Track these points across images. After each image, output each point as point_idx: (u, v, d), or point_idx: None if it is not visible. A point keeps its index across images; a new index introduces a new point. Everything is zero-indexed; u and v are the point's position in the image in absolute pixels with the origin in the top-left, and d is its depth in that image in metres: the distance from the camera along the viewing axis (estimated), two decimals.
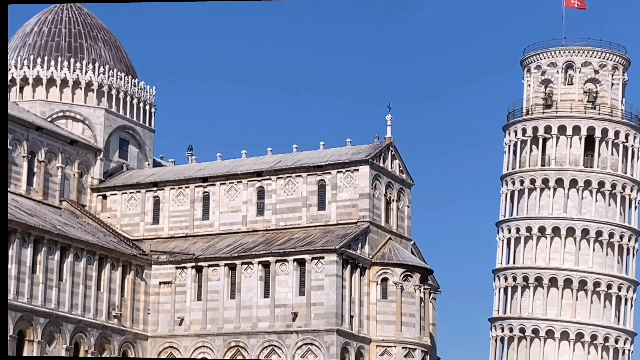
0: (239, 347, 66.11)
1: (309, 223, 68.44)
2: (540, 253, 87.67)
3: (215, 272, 67.40)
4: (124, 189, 73.32)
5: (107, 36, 78.29)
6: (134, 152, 77.04)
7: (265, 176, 70.04)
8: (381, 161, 69.27)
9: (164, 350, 68.15)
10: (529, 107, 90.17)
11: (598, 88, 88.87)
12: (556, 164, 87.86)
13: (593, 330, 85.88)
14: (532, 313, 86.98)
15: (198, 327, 67.43)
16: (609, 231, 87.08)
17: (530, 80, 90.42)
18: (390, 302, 66.03)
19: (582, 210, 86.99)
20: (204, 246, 69.33)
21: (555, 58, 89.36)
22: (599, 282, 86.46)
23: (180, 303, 68.18)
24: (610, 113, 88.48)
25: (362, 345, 65.55)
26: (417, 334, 66.29)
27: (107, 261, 67.68)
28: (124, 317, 67.95)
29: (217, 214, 70.77)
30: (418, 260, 69.01)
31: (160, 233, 71.94)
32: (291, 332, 64.77)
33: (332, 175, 68.33)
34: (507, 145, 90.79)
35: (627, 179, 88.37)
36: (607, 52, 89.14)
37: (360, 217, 67.32)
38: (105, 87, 75.79)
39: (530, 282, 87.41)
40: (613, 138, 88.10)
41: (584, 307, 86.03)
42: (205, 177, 71.66)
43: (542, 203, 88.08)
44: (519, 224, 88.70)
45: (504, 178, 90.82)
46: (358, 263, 66.17)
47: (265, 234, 69.09)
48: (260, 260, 66.34)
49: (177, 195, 71.98)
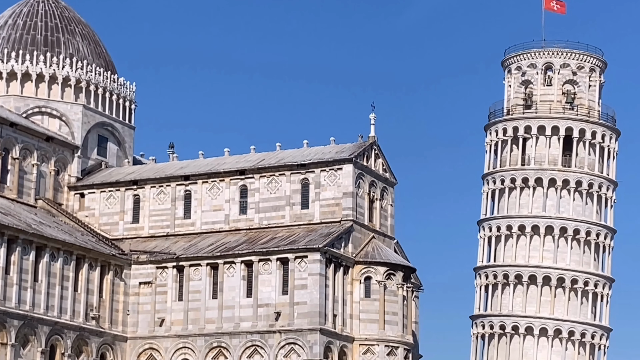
0: (221, 347, 61.90)
1: (292, 222, 64.33)
2: (520, 251, 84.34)
3: (197, 272, 63.17)
4: (102, 187, 68.53)
5: (86, 30, 72.81)
6: (113, 150, 72.08)
7: (248, 174, 65.78)
8: (365, 160, 65.26)
9: (144, 351, 63.60)
10: (509, 107, 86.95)
11: (576, 89, 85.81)
12: (535, 164, 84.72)
13: (570, 327, 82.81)
14: (512, 310, 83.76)
15: (179, 328, 63.03)
16: (586, 229, 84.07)
17: (511, 81, 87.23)
18: (374, 301, 62.53)
19: (560, 209, 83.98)
20: (185, 245, 64.87)
21: (535, 59, 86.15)
22: (577, 279, 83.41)
23: (160, 303, 63.74)
24: (587, 114, 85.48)
25: (345, 344, 61.84)
26: (399, 333, 62.78)
27: (85, 261, 62.31)
28: (102, 319, 62.69)
29: (198, 213, 66.35)
30: (401, 259, 65.27)
31: (140, 232, 67.27)
32: (274, 331, 60.89)
33: (316, 174, 64.34)
34: (488, 145, 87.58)
35: (603, 179, 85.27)
36: (585, 54, 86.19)
37: (343, 215, 63.49)
38: (83, 83, 70.55)
39: (511, 280, 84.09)
40: (590, 138, 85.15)
41: (562, 304, 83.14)
42: (187, 175, 67.11)
43: (522, 202, 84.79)
44: (500, 223, 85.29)
45: (485, 177, 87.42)
46: (341, 262, 62.35)
47: (248, 233, 64.84)
48: (242, 260, 62.22)
49: (158, 194, 67.39)
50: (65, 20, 71.51)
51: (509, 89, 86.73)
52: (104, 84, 71.20)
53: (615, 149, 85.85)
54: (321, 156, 64.70)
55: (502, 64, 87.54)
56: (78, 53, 70.70)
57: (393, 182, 67.10)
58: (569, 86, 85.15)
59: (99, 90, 70.90)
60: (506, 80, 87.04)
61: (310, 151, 66.13)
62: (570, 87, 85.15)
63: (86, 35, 72.10)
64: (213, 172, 66.16)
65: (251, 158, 67.16)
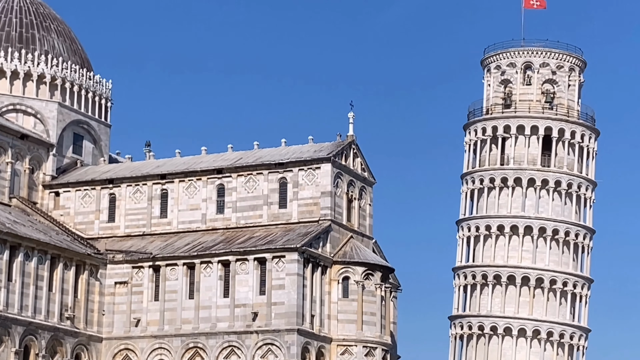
0: (197, 348, 61.69)
1: (270, 221, 64.20)
2: (499, 251, 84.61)
3: (174, 272, 62.98)
4: (78, 186, 68.13)
5: (61, 27, 72.29)
6: (89, 148, 71.60)
7: (226, 173, 65.59)
8: (343, 159, 65.22)
9: (119, 352, 63.37)
10: (488, 106, 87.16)
11: (555, 89, 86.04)
12: (515, 163, 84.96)
13: (549, 327, 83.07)
14: (490, 311, 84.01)
15: (155, 328, 62.80)
16: (565, 229, 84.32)
17: (490, 80, 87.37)
18: (352, 301, 62.51)
19: (539, 209, 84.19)
20: (161, 245, 64.63)
21: (514, 58, 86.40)
22: (555, 279, 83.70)
23: (136, 303, 63.53)
24: (566, 114, 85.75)
25: (323, 345, 61.80)
26: (378, 333, 62.82)
27: (60, 261, 61.94)
28: (77, 319, 62.34)
29: (175, 212, 66.17)
30: (379, 259, 65.27)
31: (116, 231, 67.00)
32: (251, 332, 60.72)
33: (294, 173, 64.24)
34: (467, 145, 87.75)
35: (582, 179, 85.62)
36: (564, 53, 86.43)
37: (321, 215, 63.42)
38: (58, 80, 70.09)
39: (489, 280, 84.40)
40: (569, 138, 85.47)
41: (540, 304, 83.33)
42: (164, 174, 66.90)
43: (501, 202, 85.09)
44: (479, 223, 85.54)
45: (464, 177, 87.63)
46: (319, 262, 62.29)
47: (225, 233, 64.66)
48: (219, 259, 62.06)
49: (134, 193, 67.14)
50: (40, 16, 71.01)
51: (488, 88, 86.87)
52: (79, 82, 70.80)
53: (594, 148, 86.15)
54: (299, 155, 64.59)
55: (481, 63, 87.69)
56: (53, 50, 70.27)
57: (372, 182, 67.04)
58: (548, 85, 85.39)
59: (74, 88, 70.52)
60: (485, 80, 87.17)
61: (288, 150, 66.01)
62: (550, 87, 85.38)
63: (62, 32, 71.64)
64: (190, 171, 65.94)
65: (228, 157, 67.00)
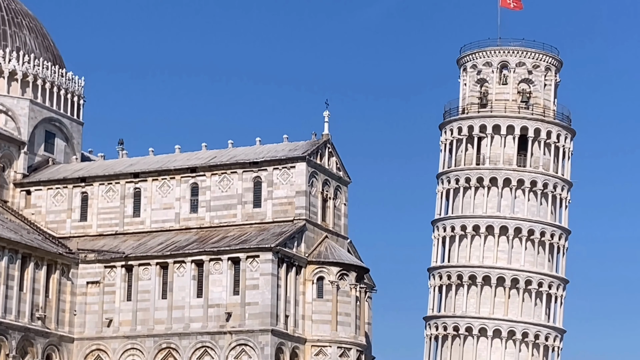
0: (170, 348, 61.73)
1: (244, 221, 64.20)
2: (474, 252, 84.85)
3: (146, 271, 63.00)
4: (49, 184, 67.99)
5: (33, 23, 72.00)
6: (61, 146, 71.37)
7: (200, 172, 65.56)
8: (318, 158, 65.32)
9: (91, 352, 63.30)
10: (464, 106, 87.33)
11: (531, 88, 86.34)
12: (490, 163, 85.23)
13: (524, 328, 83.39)
14: (465, 311, 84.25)
15: (127, 329, 62.79)
16: (541, 230, 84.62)
17: (467, 79, 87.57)
18: (326, 302, 62.66)
19: (515, 209, 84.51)
20: (134, 244, 64.62)
21: (490, 58, 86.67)
22: (531, 280, 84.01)
23: (108, 303, 63.52)
24: (542, 113, 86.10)
25: (297, 346, 61.91)
26: (352, 334, 62.95)
27: (31, 260, 61.80)
28: (49, 319, 62.23)
29: (148, 211, 66.12)
30: (354, 259, 65.38)
31: (88, 230, 66.87)
32: (225, 332, 60.77)
33: (268, 172, 64.31)
34: (443, 144, 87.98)
35: (558, 179, 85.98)
36: (541, 53, 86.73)
37: (296, 214, 63.50)
38: (30, 77, 69.86)
39: (465, 281, 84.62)
40: (545, 138, 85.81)
41: (515, 305, 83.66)
42: (137, 173, 66.83)
43: (476, 202, 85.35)
44: (454, 223, 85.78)
45: (439, 177, 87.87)
46: (294, 262, 62.38)
47: (198, 232, 64.64)
48: (193, 259, 62.07)
49: (107, 191, 67.12)
50: (12, 12, 70.72)
51: (464, 87, 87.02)
52: (51, 79, 70.61)
53: (570, 148, 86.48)
54: (274, 154, 64.56)
55: (457, 62, 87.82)
56: (25, 46, 70.02)
57: (347, 181, 67.06)
58: (524, 85, 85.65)
59: (46, 85, 70.33)
60: (461, 79, 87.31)
61: (262, 149, 65.99)
62: (526, 86, 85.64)
63: (34, 28, 71.37)
64: (163, 169, 65.84)
65: (202, 155, 66.92)
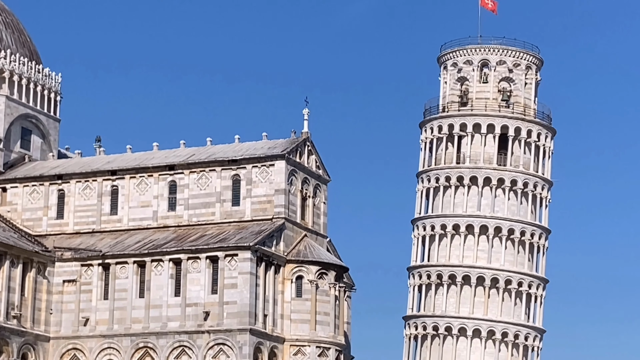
0: (147, 348, 61.79)
1: (223, 219, 64.26)
2: (454, 251, 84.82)
3: (124, 270, 63.04)
4: (25, 182, 67.78)
5: (9, 18, 71.69)
6: (37, 143, 71.21)
7: (178, 170, 65.62)
8: (297, 156, 65.45)
9: (67, 352, 63.24)
10: (445, 104, 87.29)
11: (512, 87, 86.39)
12: (471, 162, 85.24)
13: (504, 328, 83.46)
14: (445, 311, 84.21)
15: (104, 328, 62.79)
16: (521, 229, 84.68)
17: (447, 78, 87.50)
18: (305, 301, 62.84)
19: (495, 209, 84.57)
20: (111, 242, 64.63)
21: (471, 56, 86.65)
22: (510, 279, 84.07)
23: (85, 302, 63.49)
24: (523, 112, 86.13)
25: (275, 345, 61.99)
26: (331, 333, 63.14)
27: (6, 258, 61.62)
28: (24, 318, 62.10)
29: (126, 209, 66.14)
30: (333, 258, 65.53)
31: (64, 228, 66.80)
32: (202, 332, 60.81)
33: (247, 170, 64.38)
34: (423, 143, 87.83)
35: (538, 178, 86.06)
36: (521, 51, 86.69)
37: (275, 213, 63.60)
38: (6, 73, 69.59)
39: (444, 280, 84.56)
40: (525, 137, 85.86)
41: (495, 304, 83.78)
42: (114, 170, 66.80)
43: (456, 201, 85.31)
44: (434, 222, 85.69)
45: (419, 175, 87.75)
46: (273, 260, 62.48)
47: (176, 230, 64.69)
48: (171, 258, 62.14)
49: (84, 189, 67.04)
50: None
51: (444, 85, 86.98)
52: (28, 75, 70.44)
53: (550, 148, 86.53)
54: (253, 152, 64.67)
55: (438, 60, 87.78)
56: (1, 42, 69.75)
57: (326, 179, 67.18)
58: (505, 84, 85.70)
59: (22, 81, 70.12)
60: (442, 77, 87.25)
61: (241, 147, 66.02)
62: (507, 85, 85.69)
63: (10, 23, 71.12)
64: (141, 167, 65.82)
65: (181, 153, 66.90)
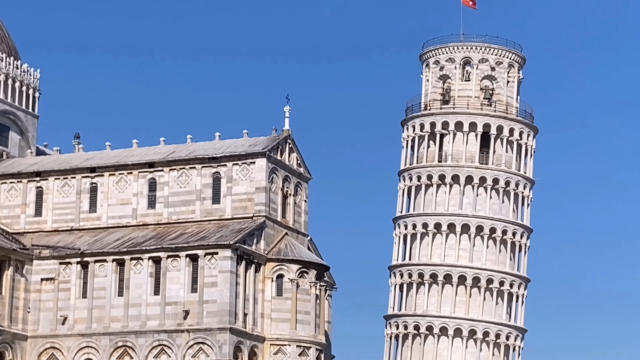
0: (126, 347, 61.79)
1: (203, 217, 64.25)
2: (435, 249, 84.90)
3: (102, 268, 62.98)
4: (3, 179, 67.54)
5: None
6: (15, 139, 71.03)
7: (158, 167, 65.59)
8: (278, 154, 65.50)
9: (45, 351, 63.12)
10: (427, 102, 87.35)
11: (494, 85, 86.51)
12: (453, 160, 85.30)
13: (485, 327, 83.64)
14: (426, 310, 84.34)
15: (83, 327, 62.72)
16: (502, 228, 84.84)
17: (429, 76, 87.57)
18: (286, 300, 62.93)
19: (477, 207, 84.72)
20: (90, 240, 64.52)
21: (453, 54, 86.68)
22: (492, 279, 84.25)
23: (63, 301, 63.40)
24: (505, 110, 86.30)
25: (255, 344, 62.04)
26: (312, 332, 63.30)
27: None
28: (1, 316, 61.91)
29: (105, 207, 66.08)
30: (314, 257, 65.69)
31: (43, 226, 66.68)
32: (182, 330, 60.83)
33: (228, 168, 64.38)
34: (405, 141, 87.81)
35: (520, 177, 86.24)
36: (504, 49, 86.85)
37: (256, 211, 63.63)
38: None
39: (426, 279, 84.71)
40: (508, 135, 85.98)
41: (477, 304, 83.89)
42: (93, 167, 66.73)
43: (438, 199, 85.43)
44: (416, 220, 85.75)
45: (401, 173, 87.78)
46: (253, 259, 62.51)
47: (156, 228, 64.68)
48: (150, 256, 62.14)
49: (62, 186, 66.90)
50: None
51: (426, 83, 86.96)
52: (6, 70, 70.28)
53: (532, 146, 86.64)
54: (233, 149, 64.68)
55: (420, 58, 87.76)
56: None
57: (307, 178, 67.26)
58: (487, 82, 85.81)
59: (0, 77, 69.96)
60: (424, 75, 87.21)
61: (222, 144, 66.04)
62: (489, 83, 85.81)
63: None
64: (120, 164, 65.79)
65: (161, 150, 66.86)
